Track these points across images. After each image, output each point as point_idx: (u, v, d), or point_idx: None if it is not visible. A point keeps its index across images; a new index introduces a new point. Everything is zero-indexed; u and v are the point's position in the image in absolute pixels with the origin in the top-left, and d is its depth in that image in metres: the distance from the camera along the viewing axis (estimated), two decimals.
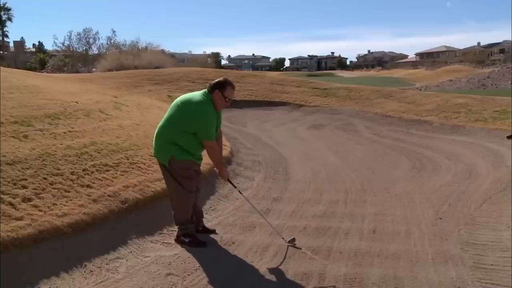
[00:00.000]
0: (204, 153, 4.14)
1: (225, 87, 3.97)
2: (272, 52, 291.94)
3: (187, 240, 4.13)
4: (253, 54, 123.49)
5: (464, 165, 7.64)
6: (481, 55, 73.10)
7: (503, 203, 5.42)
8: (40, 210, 3.80)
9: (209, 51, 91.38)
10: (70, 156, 5.02)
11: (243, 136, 10.20)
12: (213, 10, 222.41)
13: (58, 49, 37.72)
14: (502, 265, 3.72)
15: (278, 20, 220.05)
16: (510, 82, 37.32)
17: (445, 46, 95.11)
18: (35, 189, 4.09)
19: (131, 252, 3.92)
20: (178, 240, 4.19)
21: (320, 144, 10.11)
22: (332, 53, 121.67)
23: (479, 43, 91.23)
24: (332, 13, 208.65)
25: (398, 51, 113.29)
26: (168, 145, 3.97)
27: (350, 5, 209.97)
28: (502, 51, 79.67)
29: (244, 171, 6.99)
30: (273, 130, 11.64)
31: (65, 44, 36.91)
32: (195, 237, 4.18)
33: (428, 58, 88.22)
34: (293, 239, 4.18)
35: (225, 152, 7.28)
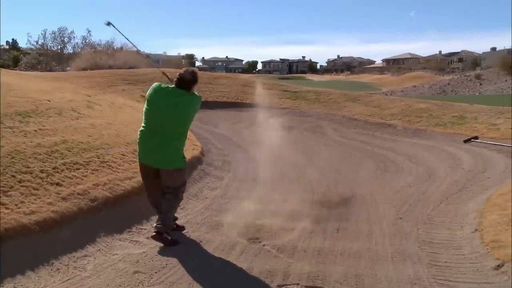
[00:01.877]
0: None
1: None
2: (245, 54, 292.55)
3: (169, 238, 4.14)
4: (227, 57, 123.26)
5: (425, 167, 7.97)
6: (442, 63, 76.08)
7: (458, 203, 5.72)
8: (7, 208, 3.77)
9: (183, 52, 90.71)
10: (40, 154, 4.99)
11: (214, 137, 10.26)
12: (188, 12, 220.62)
13: (32, 47, 36.79)
14: (454, 262, 3.94)
15: (251, 24, 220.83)
16: (467, 89, 38.97)
17: (410, 54, 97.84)
18: (2, 187, 4.06)
19: (99, 250, 3.94)
20: (157, 236, 4.12)
21: (289, 145, 10.28)
22: (303, 57, 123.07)
23: (440, 52, 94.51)
24: (303, 18, 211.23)
25: (366, 57, 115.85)
26: None
27: (320, 11, 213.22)
28: (460, 60, 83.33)
29: (214, 171, 7.07)
30: (243, 131, 11.74)
31: (40, 43, 36.07)
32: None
33: (394, 64, 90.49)
34: None
35: (196, 152, 7.35)
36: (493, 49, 74.27)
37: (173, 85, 4.16)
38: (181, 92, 4.11)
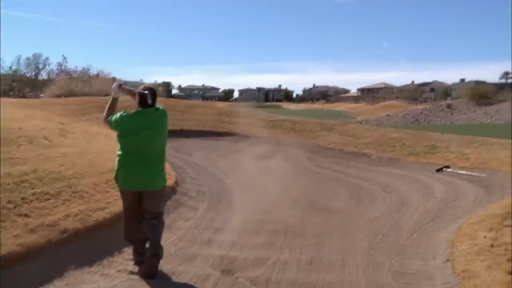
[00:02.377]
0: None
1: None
2: (222, 83, 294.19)
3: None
4: (203, 85, 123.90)
5: (398, 196, 8.11)
6: (415, 93, 78.35)
7: (431, 233, 5.82)
8: None
9: (160, 80, 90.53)
10: (8, 184, 4.85)
11: (188, 166, 10.20)
12: (165, 40, 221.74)
13: (5, 72, 36.20)
14: None
15: (228, 53, 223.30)
16: (439, 119, 40.39)
17: (384, 83, 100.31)
18: None
19: (67, 284, 3.81)
20: (156, 260, 4.13)
21: (264, 175, 10.32)
22: (280, 85, 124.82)
23: (413, 82, 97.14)
24: (279, 48, 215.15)
25: (341, 86, 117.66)
26: None
27: (295, 41, 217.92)
28: (432, 90, 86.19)
29: (188, 201, 7.00)
30: (218, 160, 11.73)
31: (13, 68, 35.54)
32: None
33: (369, 94, 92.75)
34: None
35: (170, 182, 7.27)
36: (462, 80, 77.46)
37: (137, 109, 4.18)
38: (148, 112, 4.13)
